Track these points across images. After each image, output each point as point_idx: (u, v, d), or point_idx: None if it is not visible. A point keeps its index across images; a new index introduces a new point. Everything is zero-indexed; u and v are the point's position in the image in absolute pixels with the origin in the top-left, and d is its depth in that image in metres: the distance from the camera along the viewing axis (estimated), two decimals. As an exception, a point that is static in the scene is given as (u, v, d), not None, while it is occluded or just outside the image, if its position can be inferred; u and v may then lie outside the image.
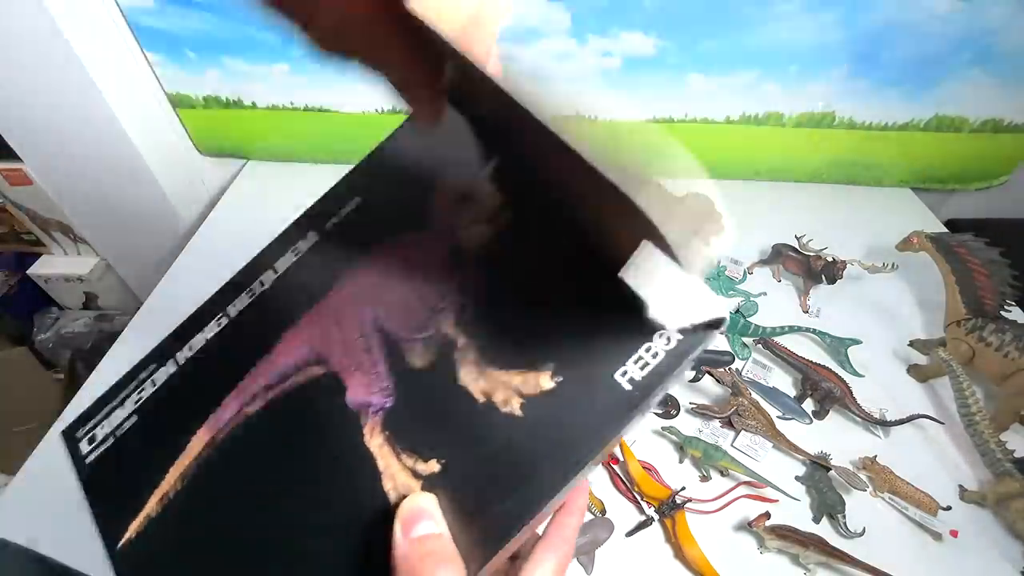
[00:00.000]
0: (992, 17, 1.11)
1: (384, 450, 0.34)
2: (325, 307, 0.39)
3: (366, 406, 0.35)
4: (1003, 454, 0.80)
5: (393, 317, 0.37)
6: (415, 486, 0.32)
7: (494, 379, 0.33)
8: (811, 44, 1.15)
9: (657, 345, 0.32)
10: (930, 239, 0.98)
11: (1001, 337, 0.87)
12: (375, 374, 0.36)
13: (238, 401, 0.37)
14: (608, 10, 1.10)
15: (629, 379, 0.32)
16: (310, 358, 0.38)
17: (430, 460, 0.33)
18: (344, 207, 0.41)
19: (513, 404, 0.32)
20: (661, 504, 0.77)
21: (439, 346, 0.35)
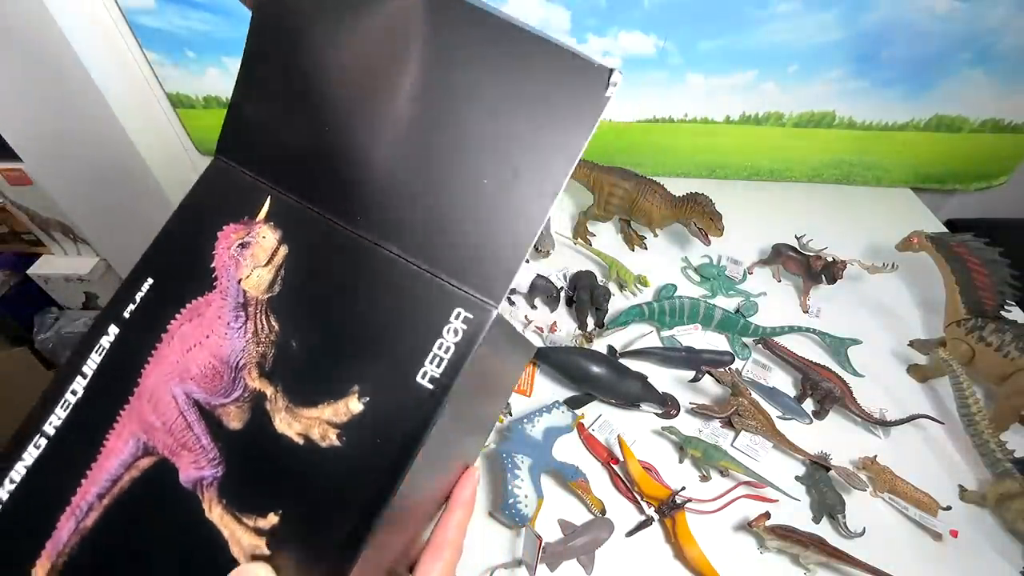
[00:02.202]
0: (992, 17, 1.11)
1: (225, 519, 0.34)
2: (138, 397, 0.38)
3: (199, 481, 0.35)
4: (1003, 454, 0.80)
5: (202, 387, 0.37)
6: (260, 543, 0.33)
7: (307, 418, 0.35)
8: (811, 44, 1.15)
9: (448, 340, 0.34)
10: (930, 239, 0.98)
11: (1001, 337, 0.87)
12: (200, 448, 0.36)
13: (73, 519, 0.36)
14: (608, 10, 1.10)
15: (430, 379, 0.34)
16: (137, 452, 0.37)
17: (268, 515, 0.34)
18: (138, 291, 0.40)
19: (331, 436, 0.34)
20: (661, 504, 0.77)
21: (251, 403, 0.36)
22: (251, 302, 0.38)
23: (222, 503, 0.35)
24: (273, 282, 0.38)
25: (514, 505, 0.72)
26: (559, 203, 1.28)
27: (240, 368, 0.36)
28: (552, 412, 0.83)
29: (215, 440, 0.36)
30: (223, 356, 0.37)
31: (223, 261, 0.39)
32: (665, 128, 1.29)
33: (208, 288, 0.39)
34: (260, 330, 0.37)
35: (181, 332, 0.38)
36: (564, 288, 1.06)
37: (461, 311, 0.35)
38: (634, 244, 1.20)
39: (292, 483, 0.34)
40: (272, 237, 0.39)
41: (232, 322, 0.38)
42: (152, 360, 0.38)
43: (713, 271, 1.12)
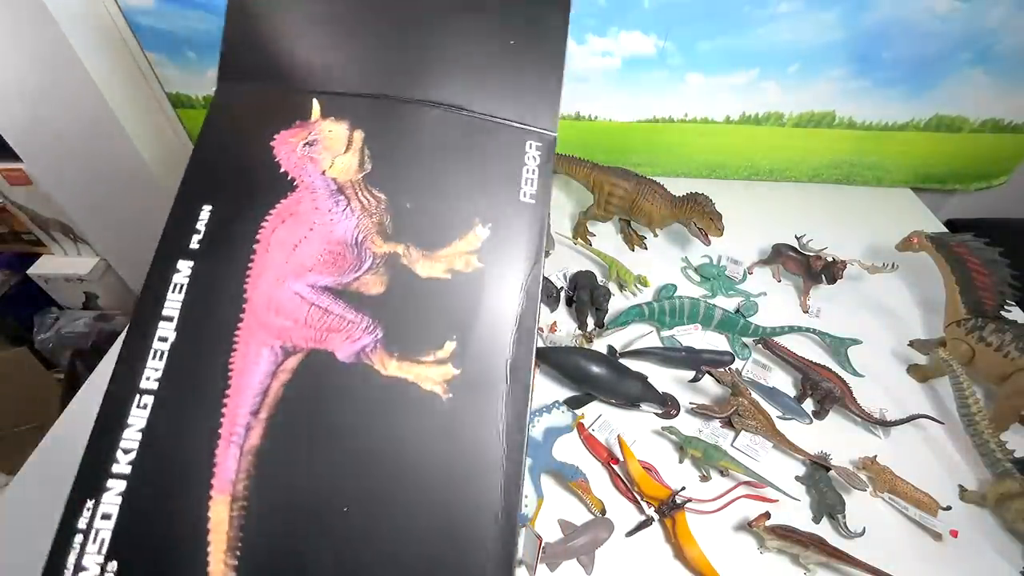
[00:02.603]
0: (992, 17, 1.11)
1: (405, 366, 0.37)
2: (251, 312, 0.38)
3: (361, 351, 0.37)
4: (1003, 454, 0.80)
5: (327, 272, 0.39)
6: (448, 369, 0.37)
7: (446, 256, 0.39)
8: (811, 44, 1.15)
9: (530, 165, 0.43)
10: (930, 239, 0.98)
11: (1001, 337, 0.87)
12: (348, 323, 0.38)
13: (233, 446, 0.35)
14: (608, 10, 1.10)
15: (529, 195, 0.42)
16: (276, 358, 0.37)
17: (444, 344, 0.37)
18: (197, 220, 0.41)
19: (472, 262, 0.39)
20: (661, 504, 0.77)
21: (386, 266, 0.39)
22: (345, 186, 0.40)
23: (395, 355, 0.37)
24: (361, 163, 0.41)
25: (514, 505, 0.72)
26: (559, 203, 1.29)
27: (361, 242, 0.39)
28: (552, 412, 0.83)
29: (361, 310, 0.38)
30: (339, 238, 0.39)
31: (293, 163, 0.41)
32: (665, 128, 1.29)
33: (288, 190, 0.40)
34: (367, 204, 0.40)
35: (277, 237, 0.39)
36: (564, 288, 1.06)
37: (532, 142, 0.42)
38: (634, 244, 1.20)
39: (456, 310, 0.38)
40: (340, 128, 0.41)
41: (333, 207, 0.40)
42: (252, 273, 0.39)
43: (713, 271, 1.12)
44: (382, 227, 0.39)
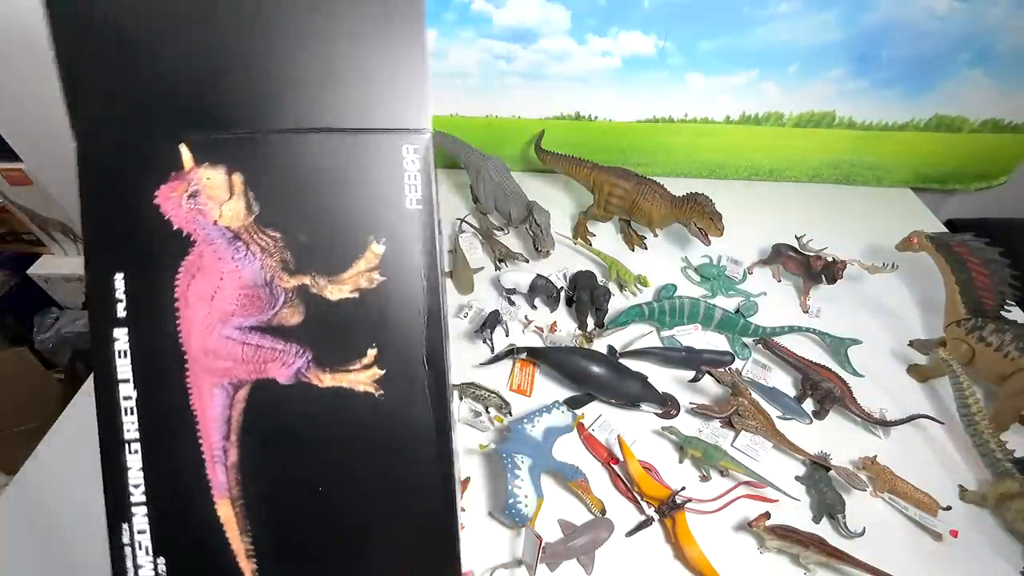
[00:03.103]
0: (992, 17, 1.11)
1: (338, 376, 0.42)
2: (194, 361, 0.43)
3: (298, 372, 0.42)
4: (1003, 454, 0.80)
5: (248, 314, 0.42)
6: (374, 371, 0.42)
7: (349, 278, 0.42)
8: (811, 44, 1.15)
9: (411, 170, 0.43)
10: (930, 239, 0.98)
11: (1001, 337, 0.87)
12: (280, 353, 0.42)
13: (218, 465, 0.43)
14: (608, 10, 1.10)
15: (416, 201, 0.44)
16: (229, 393, 0.43)
17: (367, 352, 0.42)
18: (115, 288, 0.42)
19: (375, 277, 0.42)
20: (661, 504, 0.77)
21: (299, 297, 0.42)
22: (240, 232, 0.42)
23: (327, 370, 0.42)
24: (248, 206, 0.42)
25: (514, 505, 0.72)
26: (559, 203, 1.29)
27: (271, 281, 0.42)
28: (552, 412, 0.83)
29: (288, 340, 0.42)
30: (249, 282, 0.42)
31: (183, 218, 0.42)
32: (665, 128, 1.29)
33: (188, 246, 0.42)
34: (266, 245, 0.42)
35: (193, 292, 0.42)
36: (564, 288, 1.06)
37: (407, 146, 0.42)
38: (634, 244, 1.20)
39: (370, 321, 0.42)
40: (217, 174, 0.42)
41: (235, 255, 0.42)
42: (182, 329, 0.43)
43: (713, 271, 1.12)
44: (285, 263, 0.42)
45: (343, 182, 0.42)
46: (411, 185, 0.42)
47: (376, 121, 0.42)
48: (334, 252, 0.42)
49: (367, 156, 0.42)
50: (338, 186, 0.42)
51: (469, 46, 1.15)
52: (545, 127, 1.26)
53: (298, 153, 0.42)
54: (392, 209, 0.42)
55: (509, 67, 1.19)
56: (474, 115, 1.26)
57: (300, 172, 0.42)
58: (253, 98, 0.41)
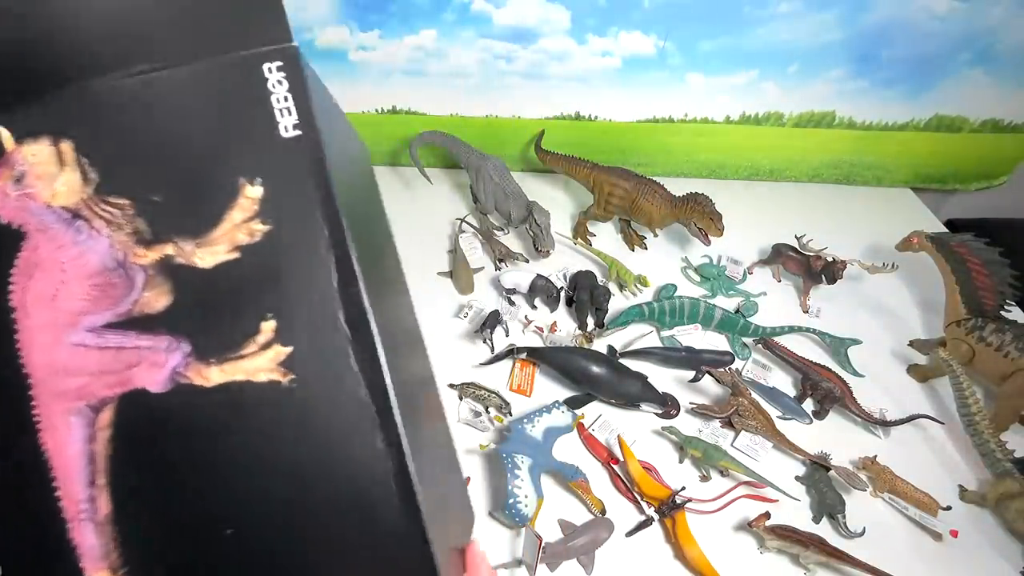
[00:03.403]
0: (992, 17, 1.11)
1: (228, 368, 0.33)
2: (39, 385, 0.34)
3: (172, 372, 0.33)
4: (1003, 454, 0.80)
5: (101, 309, 0.34)
6: (277, 350, 0.33)
7: (222, 235, 0.33)
8: (811, 44, 1.15)
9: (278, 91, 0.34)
10: (930, 239, 0.98)
11: (1001, 337, 0.87)
12: (147, 351, 0.33)
13: (86, 523, 0.33)
14: (608, 10, 1.10)
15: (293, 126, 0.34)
16: (88, 419, 0.34)
17: (260, 326, 0.33)
18: None
19: (256, 228, 0.33)
20: (661, 504, 0.77)
21: (162, 274, 0.34)
22: (79, 208, 0.35)
23: (211, 361, 0.33)
24: (84, 176, 0.35)
25: (514, 505, 0.72)
26: (559, 203, 1.29)
27: (123, 260, 0.34)
28: (552, 412, 0.83)
29: (155, 332, 0.33)
30: (97, 268, 0.34)
31: (11, 209, 0.35)
32: (665, 128, 1.29)
33: (20, 240, 0.35)
34: (112, 218, 0.34)
35: (32, 296, 0.34)
36: (564, 288, 1.06)
37: (268, 65, 0.34)
38: (634, 244, 1.20)
39: (260, 286, 0.33)
40: (42, 147, 0.35)
41: (76, 237, 0.34)
42: (22, 345, 0.34)
43: (713, 271, 1.12)
44: (139, 234, 0.34)
45: (194, 124, 0.35)
46: (282, 109, 0.34)
47: (223, 46, 0.34)
48: (198, 207, 0.34)
49: (219, 87, 0.35)
50: (188, 129, 0.34)
51: (469, 46, 1.15)
52: (545, 127, 1.26)
53: (131, 101, 0.35)
54: (263, 142, 0.34)
55: (509, 67, 1.19)
56: (474, 115, 1.26)
57: (138, 123, 0.35)
58: (61, 49, 0.35)
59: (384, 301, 0.39)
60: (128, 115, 0.34)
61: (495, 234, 1.17)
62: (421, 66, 1.18)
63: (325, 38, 1.13)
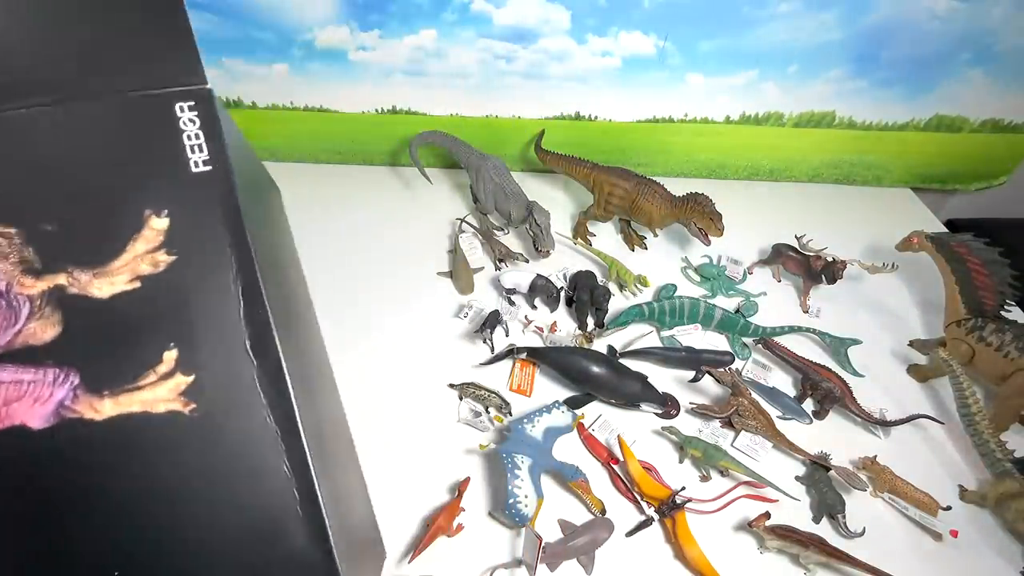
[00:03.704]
0: (992, 17, 1.11)
1: (124, 398, 0.32)
2: None
3: (59, 406, 0.32)
4: (1003, 454, 0.80)
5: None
6: (179, 379, 0.32)
7: (123, 266, 0.33)
8: (811, 44, 1.15)
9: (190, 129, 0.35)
10: (930, 239, 0.98)
11: (1001, 337, 0.87)
12: (30, 385, 0.32)
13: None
14: (608, 10, 1.10)
15: (202, 162, 0.35)
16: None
17: (163, 356, 0.32)
18: None
19: (160, 259, 0.33)
20: (661, 504, 0.77)
21: (52, 304, 0.33)
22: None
23: (104, 393, 0.32)
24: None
25: (514, 505, 0.72)
26: (559, 203, 1.29)
27: (8, 290, 0.33)
28: (552, 412, 0.83)
29: (40, 364, 0.32)
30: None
31: None
32: (665, 128, 1.29)
33: None
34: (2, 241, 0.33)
35: None
36: (564, 288, 1.06)
37: (180, 104, 0.34)
38: (634, 244, 1.20)
39: (163, 315, 0.33)
40: None
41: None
42: None
43: (713, 271, 1.12)
44: (27, 263, 0.33)
45: (98, 155, 0.34)
46: (194, 146, 0.34)
47: (136, 82, 0.34)
48: (98, 238, 0.33)
49: (126, 123, 0.34)
50: (96, 160, 0.34)
51: (469, 46, 1.15)
52: (545, 127, 1.26)
53: (29, 133, 0.34)
54: (173, 176, 0.34)
55: (509, 67, 1.19)
56: (474, 115, 1.26)
57: (36, 153, 0.34)
58: None
59: (293, 332, 0.38)
60: (21, 146, 0.33)
61: (495, 234, 1.17)
62: (421, 66, 1.18)
63: (325, 38, 1.13)
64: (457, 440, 0.84)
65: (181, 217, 0.33)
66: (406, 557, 0.70)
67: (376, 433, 0.83)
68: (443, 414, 0.87)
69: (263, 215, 0.41)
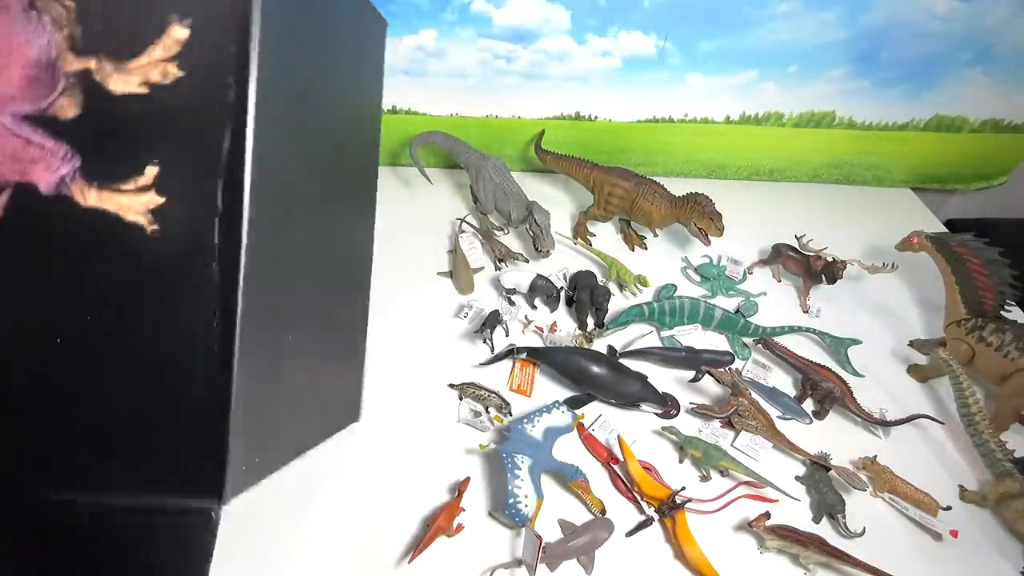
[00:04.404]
0: (992, 17, 1.11)
1: (104, 196, 0.34)
2: None
3: (60, 181, 0.35)
4: (1003, 454, 0.80)
5: (27, 99, 0.35)
6: (151, 197, 0.33)
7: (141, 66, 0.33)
8: (811, 44, 1.15)
9: None
10: (930, 239, 0.98)
11: (1001, 337, 0.87)
12: (47, 152, 0.35)
13: None
14: (608, 10, 1.10)
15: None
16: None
17: (145, 169, 0.34)
18: None
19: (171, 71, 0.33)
20: (661, 504, 0.77)
21: (79, 85, 0.35)
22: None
23: (94, 185, 0.34)
24: None
25: (514, 505, 0.72)
26: (559, 203, 1.28)
27: (55, 60, 0.35)
28: (552, 412, 0.83)
29: (58, 138, 0.35)
30: (34, 59, 0.35)
31: None
32: (665, 128, 1.29)
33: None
34: (58, 16, 0.35)
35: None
36: (564, 288, 1.06)
37: None
38: (634, 244, 1.20)
39: (156, 130, 0.33)
40: None
41: (27, 25, 0.35)
42: None
43: (713, 271, 1.12)
44: (72, 40, 0.34)
45: None
46: None
47: None
48: (128, 29, 0.33)
49: None
50: None
51: (469, 46, 1.15)
52: (545, 127, 1.26)
53: None
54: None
55: (509, 67, 1.19)
56: (474, 115, 1.26)
57: None
58: None
59: (297, 188, 0.38)
60: None
61: (495, 234, 1.17)
62: (421, 66, 1.18)
63: (325, 38, 1.13)
64: (457, 440, 0.84)
65: (198, 32, 0.33)
66: (406, 557, 0.70)
67: (376, 433, 0.83)
68: (443, 414, 0.87)
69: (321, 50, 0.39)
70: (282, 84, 0.34)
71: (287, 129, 0.35)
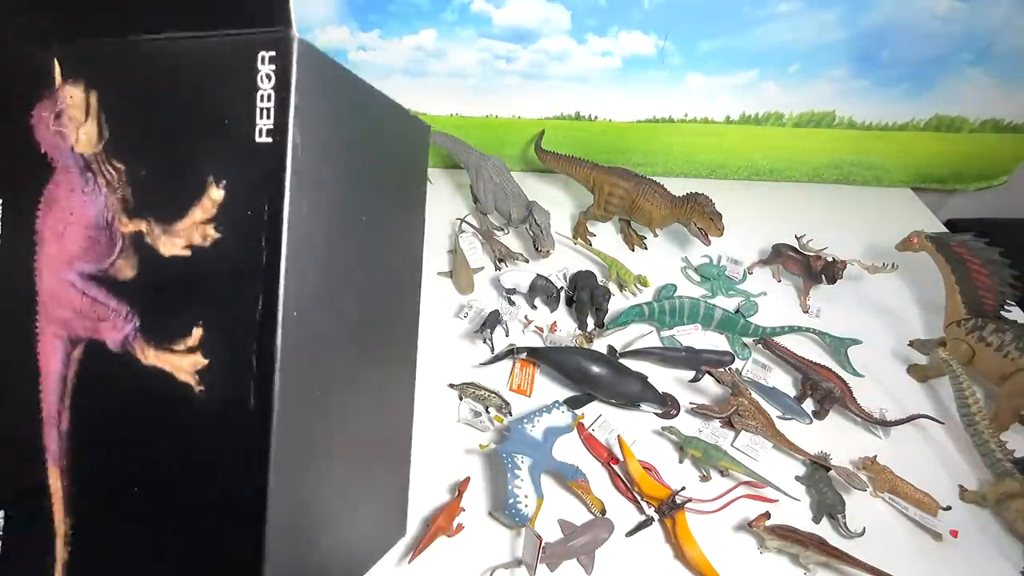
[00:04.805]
0: (992, 17, 1.11)
1: (160, 356, 0.37)
2: (43, 303, 0.39)
3: (125, 339, 0.37)
4: (1003, 454, 0.80)
5: (89, 259, 0.38)
6: (197, 358, 0.36)
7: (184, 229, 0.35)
8: (811, 44, 1.15)
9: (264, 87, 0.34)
10: (930, 239, 0.98)
11: (1001, 337, 0.87)
12: (112, 312, 0.38)
13: (53, 429, 0.39)
14: (608, 10, 1.10)
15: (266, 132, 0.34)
16: (68, 348, 0.39)
17: (192, 331, 0.36)
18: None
19: (209, 233, 0.35)
20: (661, 504, 0.77)
21: (133, 247, 0.37)
22: (92, 160, 0.37)
23: (151, 345, 0.37)
24: (100, 131, 0.37)
25: (514, 505, 0.72)
26: (559, 203, 1.29)
27: (111, 223, 0.37)
28: (552, 412, 0.83)
29: (120, 298, 0.37)
30: (92, 222, 0.37)
31: (49, 141, 0.38)
32: (665, 128, 1.29)
33: (50, 173, 0.38)
34: (111, 179, 0.37)
35: (48, 226, 0.39)
36: (564, 288, 1.06)
37: (264, 53, 0.32)
38: (634, 244, 1.20)
39: (200, 291, 0.35)
40: (79, 92, 0.37)
41: (84, 188, 0.38)
42: (38, 263, 0.39)
43: (713, 271, 1.12)
44: (126, 203, 0.36)
45: (190, 102, 0.34)
46: (264, 109, 0.32)
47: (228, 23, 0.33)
48: (172, 193, 0.35)
49: (215, 68, 0.34)
50: (184, 107, 0.35)
51: (469, 46, 1.15)
52: (545, 127, 1.26)
53: (148, 65, 0.35)
54: (238, 142, 0.33)
55: (509, 67, 1.19)
56: (474, 115, 1.26)
57: (148, 89, 0.36)
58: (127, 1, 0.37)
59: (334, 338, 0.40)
60: (142, 79, 0.36)
61: (495, 234, 1.17)
62: (421, 66, 1.18)
63: (325, 38, 1.13)
64: (457, 440, 0.84)
65: (233, 193, 0.34)
66: (406, 557, 0.70)
67: (376, 433, 0.83)
68: (443, 414, 0.87)
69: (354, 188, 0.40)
70: (317, 244, 0.35)
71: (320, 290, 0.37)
